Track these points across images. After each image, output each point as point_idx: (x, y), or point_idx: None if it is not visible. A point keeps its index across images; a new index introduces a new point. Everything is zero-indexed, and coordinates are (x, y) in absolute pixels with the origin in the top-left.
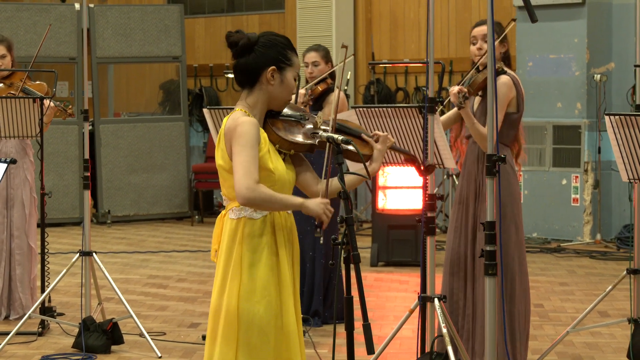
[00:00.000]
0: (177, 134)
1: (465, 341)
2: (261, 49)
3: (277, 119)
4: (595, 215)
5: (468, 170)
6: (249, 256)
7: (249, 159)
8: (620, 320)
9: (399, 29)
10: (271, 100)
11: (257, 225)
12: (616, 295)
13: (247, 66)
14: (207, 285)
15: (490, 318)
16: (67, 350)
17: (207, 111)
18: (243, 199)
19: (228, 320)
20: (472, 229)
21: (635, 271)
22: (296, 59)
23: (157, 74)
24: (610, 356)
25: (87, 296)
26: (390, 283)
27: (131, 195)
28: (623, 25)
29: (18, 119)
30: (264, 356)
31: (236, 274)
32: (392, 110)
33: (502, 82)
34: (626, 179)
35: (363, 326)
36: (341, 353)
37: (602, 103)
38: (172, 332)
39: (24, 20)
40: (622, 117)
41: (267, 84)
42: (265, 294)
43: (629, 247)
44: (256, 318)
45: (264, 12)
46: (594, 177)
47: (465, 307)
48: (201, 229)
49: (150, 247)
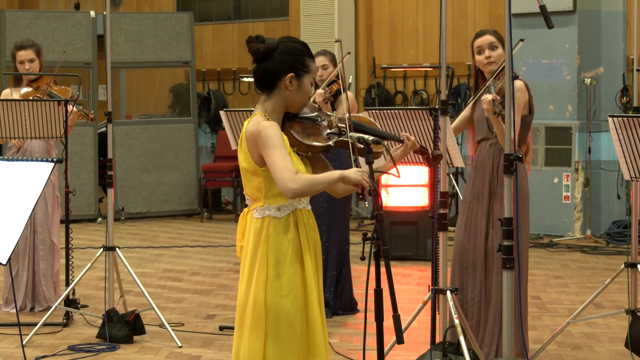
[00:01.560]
0: (187, 135)
1: (475, 332)
2: (280, 56)
3: (294, 121)
4: (585, 212)
5: (482, 170)
6: (275, 253)
7: (281, 156)
8: (618, 311)
9: (398, 35)
10: (289, 105)
11: (281, 224)
12: (609, 288)
13: (266, 72)
14: (220, 279)
15: (508, 309)
16: (91, 340)
17: (224, 113)
18: (291, 192)
19: (256, 312)
20: (485, 225)
21: (633, 265)
22: (313, 64)
23: (166, 78)
24: (607, 345)
25: (110, 289)
26: (394, 277)
27: (144, 193)
28: (611, 32)
29: (43, 121)
30: (291, 347)
31: (262, 269)
32: (404, 112)
33: (517, 88)
34: (628, 177)
35: (393, 317)
36: (352, 342)
37: (592, 106)
38: (190, 323)
39: (42, 27)
40: (624, 119)
41: (285, 89)
42: (292, 289)
43: (618, 242)
44: (283, 311)
45: (268, 20)
46: (584, 175)
47: (474, 300)
48: (210, 226)
49: (163, 242)
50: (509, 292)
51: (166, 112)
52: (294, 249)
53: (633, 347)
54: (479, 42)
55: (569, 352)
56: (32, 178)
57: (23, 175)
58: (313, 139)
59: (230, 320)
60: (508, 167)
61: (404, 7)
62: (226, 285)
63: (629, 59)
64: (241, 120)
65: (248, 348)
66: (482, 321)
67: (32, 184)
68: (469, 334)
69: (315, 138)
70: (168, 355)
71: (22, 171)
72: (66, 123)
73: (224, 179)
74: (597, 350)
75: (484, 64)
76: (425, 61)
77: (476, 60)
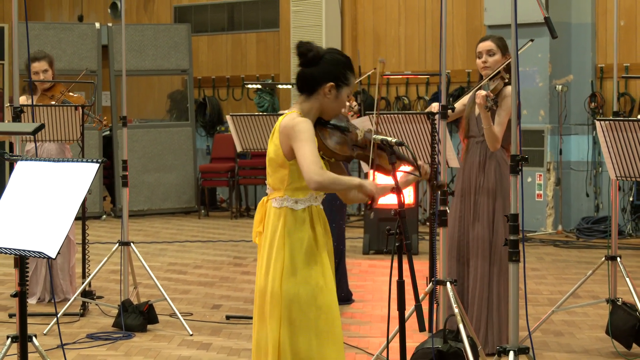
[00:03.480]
0: (185, 138)
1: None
2: (326, 64)
3: (325, 127)
4: (556, 209)
5: (470, 167)
6: (291, 243)
7: (311, 150)
8: (599, 300)
9: (382, 45)
10: (323, 111)
11: (298, 215)
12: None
13: (310, 76)
14: (222, 272)
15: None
16: (107, 329)
17: (230, 117)
18: (315, 183)
19: (274, 301)
20: (472, 218)
21: (613, 257)
22: (353, 79)
23: (164, 85)
24: (587, 332)
25: (125, 281)
26: (383, 269)
27: (145, 192)
28: (581, 42)
29: (60, 125)
30: (305, 332)
31: (279, 258)
32: (403, 116)
33: (508, 93)
34: (614, 177)
35: (415, 307)
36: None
37: (562, 110)
38: (198, 313)
39: (50, 38)
40: (611, 122)
41: (324, 96)
42: (306, 276)
43: (587, 236)
44: (296, 299)
45: (260, 31)
46: (555, 175)
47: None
48: (207, 222)
49: (165, 237)
50: (514, 283)
51: (164, 116)
52: (309, 239)
53: (614, 334)
54: (479, 47)
55: (553, 338)
56: (78, 177)
57: (70, 175)
58: (339, 147)
59: (235, 310)
60: (514, 167)
61: (387, 19)
62: (228, 278)
63: (596, 67)
64: (246, 124)
65: (266, 333)
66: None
67: (78, 183)
68: (467, 322)
69: (340, 147)
70: (181, 343)
71: (69, 171)
72: (82, 127)
73: (220, 179)
74: (578, 337)
75: (480, 68)
76: (406, 69)
77: (476, 64)
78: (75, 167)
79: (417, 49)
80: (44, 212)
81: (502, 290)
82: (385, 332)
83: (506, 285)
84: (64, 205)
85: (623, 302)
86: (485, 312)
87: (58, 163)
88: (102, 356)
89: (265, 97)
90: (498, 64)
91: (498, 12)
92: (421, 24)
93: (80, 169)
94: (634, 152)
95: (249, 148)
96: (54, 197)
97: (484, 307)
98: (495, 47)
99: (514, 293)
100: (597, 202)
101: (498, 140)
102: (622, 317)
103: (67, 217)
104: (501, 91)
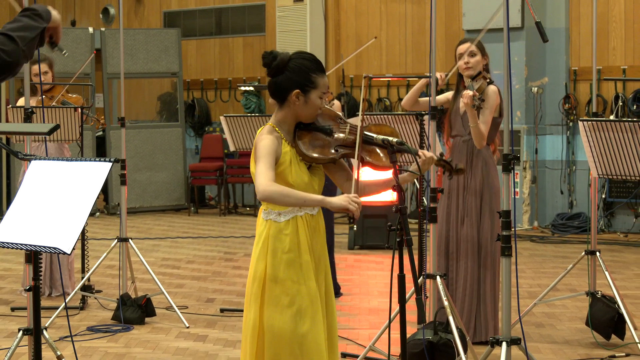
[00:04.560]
0: (175, 138)
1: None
2: (289, 73)
3: (306, 131)
4: (532, 206)
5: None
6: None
7: (265, 165)
8: (579, 293)
9: (364, 49)
10: (298, 117)
11: (280, 228)
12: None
13: (276, 86)
14: (213, 266)
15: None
16: (107, 322)
17: (224, 118)
18: (261, 194)
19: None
20: (459, 217)
21: (592, 252)
22: (321, 80)
23: (154, 87)
24: (566, 323)
25: (124, 276)
26: (368, 263)
27: (137, 190)
28: (555, 46)
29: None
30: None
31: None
32: (392, 117)
33: (493, 91)
34: (596, 175)
35: (416, 299)
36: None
37: (538, 112)
38: (193, 306)
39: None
40: (593, 123)
41: (294, 104)
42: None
43: (562, 232)
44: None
45: (247, 35)
46: (531, 173)
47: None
48: (197, 219)
49: (158, 234)
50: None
51: (154, 117)
52: (290, 248)
53: (593, 325)
54: (460, 49)
55: (534, 329)
56: (91, 176)
57: (83, 173)
58: (318, 151)
59: (228, 303)
60: (507, 165)
61: (369, 24)
62: (220, 272)
63: (570, 70)
64: (239, 124)
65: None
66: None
67: (91, 181)
68: (455, 314)
69: (320, 150)
70: (178, 335)
71: (82, 170)
72: (82, 127)
73: (209, 178)
74: (558, 328)
75: (462, 69)
76: (387, 72)
77: (458, 65)
78: (88, 166)
79: (397, 52)
80: (58, 210)
81: (489, 284)
82: (373, 324)
83: (492, 279)
84: (78, 202)
85: (602, 295)
86: (475, 305)
87: (71, 162)
88: (103, 348)
89: (252, 98)
90: (480, 64)
91: (475, 17)
92: (402, 29)
93: (93, 168)
94: (615, 152)
95: (241, 147)
96: (68, 195)
97: (473, 300)
98: (476, 48)
99: (506, 286)
100: (571, 199)
101: (484, 138)
102: (602, 309)
103: (82, 214)
104: (485, 90)
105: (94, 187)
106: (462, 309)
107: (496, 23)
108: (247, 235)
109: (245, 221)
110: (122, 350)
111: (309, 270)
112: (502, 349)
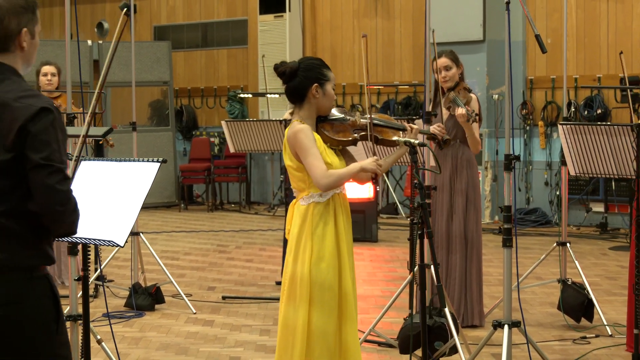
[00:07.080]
0: (166, 141)
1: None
2: (303, 73)
3: (325, 122)
4: (493, 202)
5: (443, 167)
6: (319, 231)
7: (313, 156)
8: (551, 280)
9: (338, 60)
10: (319, 109)
11: (323, 207)
12: (526, 262)
13: (295, 88)
14: (209, 258)
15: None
16: (119, 309)
17: (225, 123)
18: (324, 186)
19: (303, 285)
20: (446, 213)
21: (563, 243)
22: (331, 74)
23: (145, 95)
24: (538, 308)
25: (135, 267)
26: (359, 255)
27: None
28: (513, 57)
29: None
30: (332, 311)
31: (307, 245)
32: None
33: (474, 100)
34: (574, 173)
35: (437, 286)
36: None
37: (498, 116)
38: (196, 294)
39: (48, 54)
40: (572, 126)
41: (313, 97)
42: (331, 261)
43: (521, 225)
44: (326, 281)
45: (231, 47)
46: (492, 172)
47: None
48: (187, 215)
49: (153, 228)
50: (507, 267)
51: (145, 122)
52: (332, 227)
53: (565, 309)
54: (436, 64)
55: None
56: (142, 175)
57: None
58: (342, 135)
59: (228, 291)
60: (507, 165)
61: (343, 38)
62: (216, 263)
63: (527, 79)
64: (238, 128)
65: (291, 314)
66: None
67: (140, 180)
68: (447, 301)
69: (343, 134)
70: (187, 320)
71: (131, 170)
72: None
73: (198, 177)
74: (531, 312)
75: (441, 82)
76: (360, 81)
77: (436, 78)
78: (137, 166)
79: (369, 63)
80: (110, 206)
81: (474, 274)
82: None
83: (477, 269)
84: (129, 199)
85: (572, 282)
86: (463, 293)
87: (121, 162)
88: (120, 332)
89: (236, 105)
90: (456, 76)
91: (442, 30)
92: (372, 42)
93: (142, 167)
94: (590, 152)
95: (241, 149)
96: (119, 193)
97: (463, 288)
98: (451, 62)
99: (507, 274)
100: (528, 196)
101: (480, 142)
102: (572, 294)
103: (133, 210)
104: (469, 100)
105: (143, 185)
106: (452, 297)
107: (462, 36)
108: (236, 230)
109: (232, 217)
110: (138, 334)
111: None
112: (504, 330)
